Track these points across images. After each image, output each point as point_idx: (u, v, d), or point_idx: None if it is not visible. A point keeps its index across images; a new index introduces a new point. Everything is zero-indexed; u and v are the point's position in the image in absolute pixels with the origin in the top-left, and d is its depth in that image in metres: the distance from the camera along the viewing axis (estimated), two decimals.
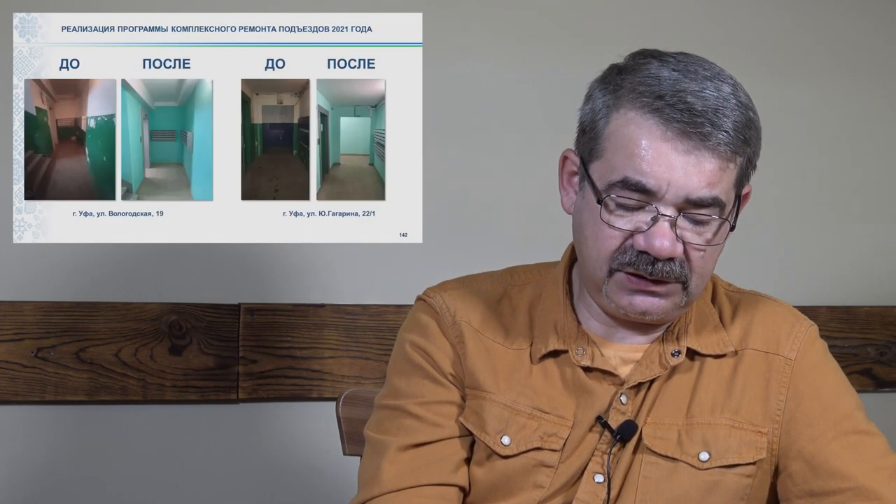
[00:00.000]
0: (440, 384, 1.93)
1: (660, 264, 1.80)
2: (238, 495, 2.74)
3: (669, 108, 1.78)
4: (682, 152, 1.78)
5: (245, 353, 2.72)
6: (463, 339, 1.93)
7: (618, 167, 1.80)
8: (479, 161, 2.84)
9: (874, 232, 3.08)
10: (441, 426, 1.92)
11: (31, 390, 2.62)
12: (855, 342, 3.04)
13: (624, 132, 1.80)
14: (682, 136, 1.78)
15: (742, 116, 1.80)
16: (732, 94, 1.81)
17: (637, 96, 1.80)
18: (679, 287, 1.83)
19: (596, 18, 2.90)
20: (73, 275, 2.64)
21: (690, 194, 1.79)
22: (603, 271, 1.84)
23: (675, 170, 1.78)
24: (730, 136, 1.79)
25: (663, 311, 1.84)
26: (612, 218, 1.81)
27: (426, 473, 1.89)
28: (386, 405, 1.96)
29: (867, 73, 3.07)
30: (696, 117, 1.78)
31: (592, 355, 1.89)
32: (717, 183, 1.80)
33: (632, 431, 1.87)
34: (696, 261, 1.82)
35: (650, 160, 1.78)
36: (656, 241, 1.79)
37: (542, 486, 1.88)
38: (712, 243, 1.82)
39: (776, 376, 1.90)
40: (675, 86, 1.79)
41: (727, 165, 1.80)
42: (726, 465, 1.87)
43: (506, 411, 1.90)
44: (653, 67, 1.82)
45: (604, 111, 1.83)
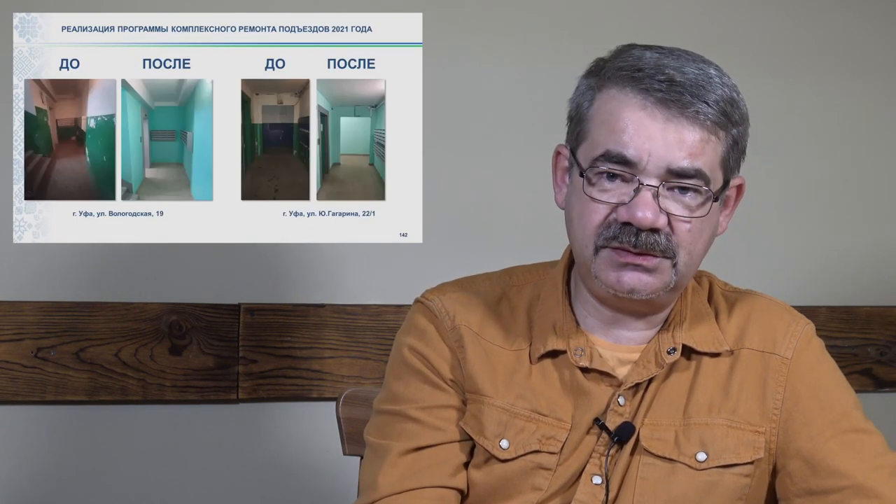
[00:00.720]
0: (439, 388, 1.93)
1: (643, 235, 1.80)
2: (238, 495, 2.74)
3: (649, 78, 1.80)
4: (661, 121, 1.79)
5: (245, 353, 2.72)
6: (462, 344, 1.93)
7: (600, 142, 1.82)
8: (479, 161, 2.84)
9: (874, 232, 3.08)
10: (442, 430, 1.92)
11: (31, 390, 2.62)
12: (855, 342, 3.04)
13: (605, 108, 1.82)
14: (661, 106, 1.79)
15: (725, 94, 1.82)
16: (717, 76, 1.82)
17: (616, 73, 1.82)
18: (668, 264, 1.83)
19: (596, 19, 2.90)
20: (73, 275, 2.64)
21: (671, 164, 1.79)
22: (589, 249, 1.84)
23: (654, 140, 1.79)
24: (710, 107, 1.80)
25: (652, 288, 1.84)
26: (594, 191, 1.82)
27: (427, 476, 1.89)
28: (385, 410, 1.95)
29: (867, 73, 3.07)
30: (675, 86, 1.79)
31: (591, 356, 1.89)
32: (699, 154, 1.80)
33: (629, 433, 1.87)
34: (682, 234, 1.82)
35: (631, 132, 1.79)
36: (639, 212, 1.79)
37: (540, 488, 1.88)
38: (697, 215, 1.82)
39: (773, 375, 1.90)
40: (656, 62, 1.81)
41: (709, 138, 1.81)
42: (724, 465, 1.87)
43: (504, 415, 1.90)
44: (636, 51, 1.84)
45: (587, 95, 1.85)
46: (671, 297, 1.89)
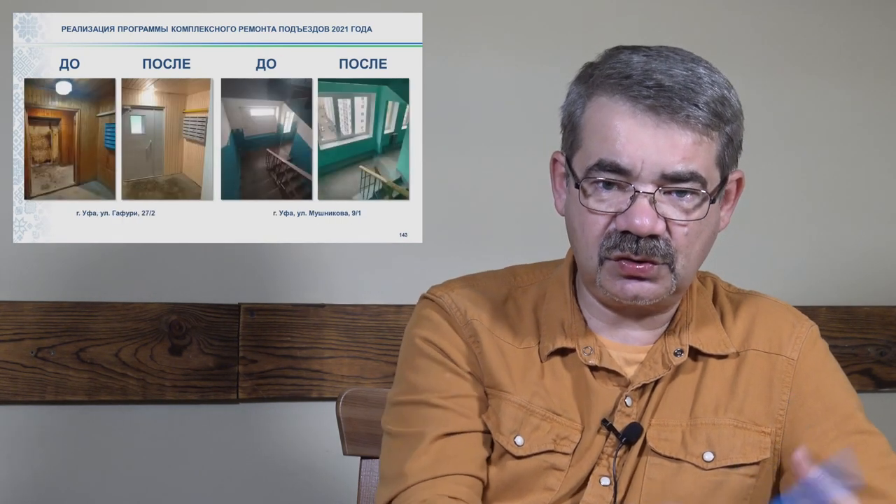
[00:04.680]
0: (461, 377, 1.90)
1: (643, 241, 1.80)
2: (238, 495, 2.74)
3: (637, 85, 1.79)
4: (652, 128, 1.79)
5: (245, 353, 2.72)
6: (478, 339, 1.91)
7: (593, 152, 1.81)
8: (479, 161, 2.84)
9: (874, 232, 3.08)
10: (469, 418, 1.89)
11: (31, 390, 2.62)
12: (855, 342, 3.04)
13: (596, 117, 1.82)
14: (651, 112, 1.79)
15: (715, 93, 1.81)
16: (706, 75, 1.82)
17: (605, 80, 1.82)
18: (666, 269, 1.83)
19: (595, 19, 2.90)
20: (73, 275, 2.64)
21: (666, 169, 1.79)
22: (594, 261, 1.84)
23: (647, 147, 1.79)
24: (700, 110, 1.79)
25: (654, 294, 1.84)
26: (591, 202, 1.82)
27: (460, 462, 1.86)
28: (405, 401, 1.91)
29: (867, 73, 3.07)
30: (664, 92, 1.79)
31: (600, 355, 1.88)
32: (692, 157, 1.80)
33: (637, 434, 1.87)
34: (680, 238, 1.82)
35: (623, 140, 1.79)
36: (636, 219, 1.79)
37: (552, 488, 1.87)
38: (694, 218, 1.82)
39: (779, 376, 1.90)
40: (644, 66, 1.81)
41: (702, 139, 1.80)
42: (731, 465, 1.87)
43: (520, 411, 1.89)
44: (623, 56, 1.84)
45: (579, 103, 1.84)
46: (674, 298, 1.89)
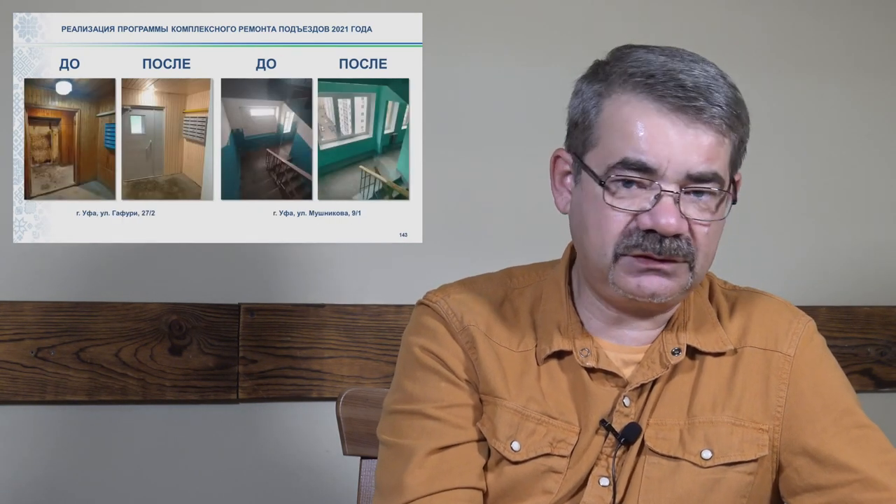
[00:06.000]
0: (457, 386, 1.91)
1: (667, 241, 1.80)
2: (238, 495, 2.74)
3: (661, 85, 1.80)
4: (679, 127, 1.79)
5: (245, 353, 2.72)
6: (475, 345, 1.91)
7: (616, 150, 1.81)
8: (479, 161, 2.84)
9: (874, 232, 3.08)
10: (463, 429, 1.90)
11: (31, 390, 2.62)
12: (855, 342, 3.04)
13: (618, 115, 1.81)
14: (678, 112, 1.79)
15: (732, 94, 1.82)
16: (720, 75, 1.83)
17: (627, 78, 1.82)
18: (685, 267, 1.83)
19: (595, 19, 2.90)
20: (73, 275, 2.64)
21: (691, 169, 1.80)
22: (608, 257, 1.83)
23: (673, 146, 1.79)
24: (723, 111, 1.80)
25: (671, 291, 1.84)
26: (615, 200, 1.81)
27: (457, 476, 1.87)
28: (401, 410, 1.92)
29: (867, 72, 3.07)
30: (689, 92, 1.79)
31: (597, 356, 1.88)
32: (715, 158, 1.81)
33: (636, 434, 1.87)
34: (701, 238, 1.83)
35: (648, 138, 1.79)
36: (662, 219, 1.79)
37: (550, 491, 1.87)
38: (715, 217, 1.83)
39: (776, 373, 1.90)
40: (664, 66, 1.81)
41: (723, 140, 1.81)
42: (729, 462, 1.87)
43: (516, 417, 1.89)
44: (639, 54, 1.84)
45: (594, 100, 1.84)
46: (684, 296, 1.89)
